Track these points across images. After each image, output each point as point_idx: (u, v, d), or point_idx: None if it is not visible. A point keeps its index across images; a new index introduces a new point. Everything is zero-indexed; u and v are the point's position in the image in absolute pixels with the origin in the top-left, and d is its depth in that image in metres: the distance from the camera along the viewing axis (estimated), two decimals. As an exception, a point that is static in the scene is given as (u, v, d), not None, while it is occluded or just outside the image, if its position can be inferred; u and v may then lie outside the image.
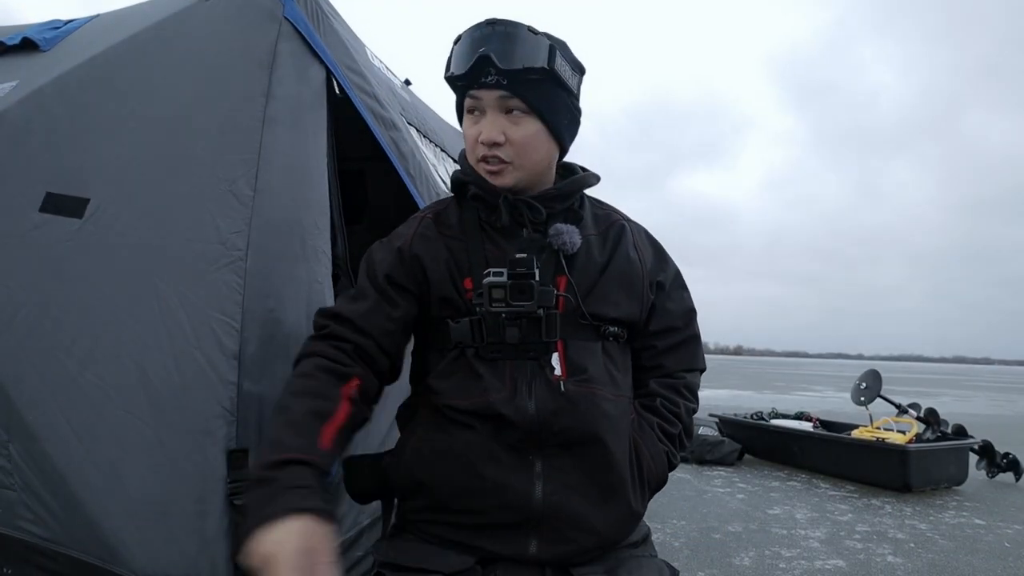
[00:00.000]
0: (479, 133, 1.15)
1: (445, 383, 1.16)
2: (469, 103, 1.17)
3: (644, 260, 1.28)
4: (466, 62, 1.12)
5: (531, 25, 1.14)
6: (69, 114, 1.92)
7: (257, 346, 1.67)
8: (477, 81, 1.13)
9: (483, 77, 1.12)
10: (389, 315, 1.18)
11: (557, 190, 1.22)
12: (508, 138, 1.14)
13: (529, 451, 1.12)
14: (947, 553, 3.37)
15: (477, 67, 1.11)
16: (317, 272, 1.87)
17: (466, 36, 1.15)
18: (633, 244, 1.28)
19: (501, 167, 1.16)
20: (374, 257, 1.24)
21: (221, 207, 1.74)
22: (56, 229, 1.76)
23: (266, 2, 2.01)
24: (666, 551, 3.25)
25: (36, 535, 1.59)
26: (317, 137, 2.03)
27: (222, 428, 1.58)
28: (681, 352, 1.35)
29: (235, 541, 1.52)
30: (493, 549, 1.12)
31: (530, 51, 1.12)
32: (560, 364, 1.15)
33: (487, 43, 1.11)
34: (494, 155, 1.15)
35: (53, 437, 1.58)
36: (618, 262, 1.23)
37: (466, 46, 1.14)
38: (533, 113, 1.15)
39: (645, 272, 1.27)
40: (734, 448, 5.71)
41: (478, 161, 1.18)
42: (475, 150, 1.18)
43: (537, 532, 1.11)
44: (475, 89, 1.14)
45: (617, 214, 1.33)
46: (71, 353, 1.64)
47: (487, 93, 1.14)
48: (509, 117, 1.14)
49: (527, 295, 1.09)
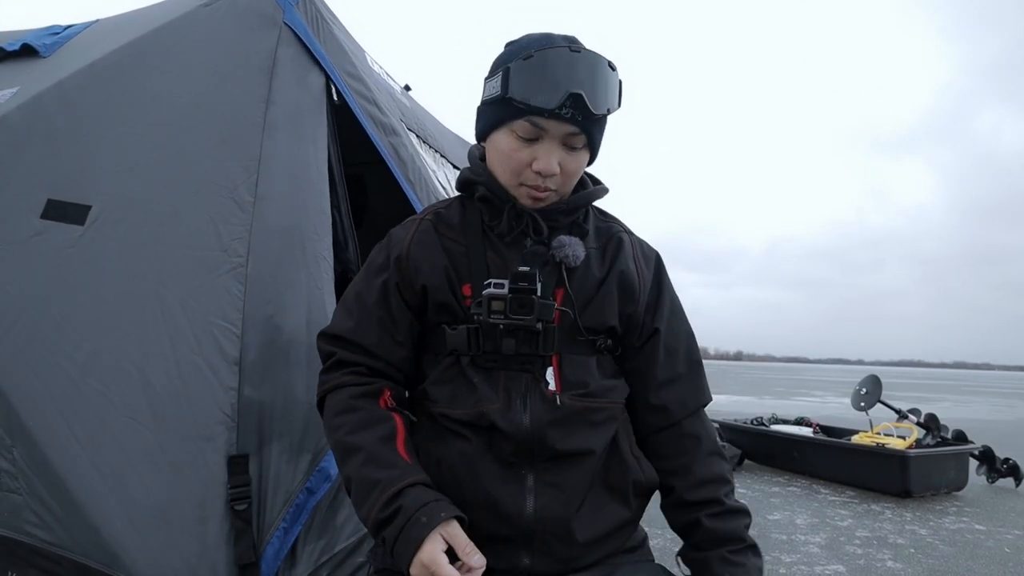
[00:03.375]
0: (532, 159, 1.09)
1: (439, 391, 1.14)
2: (527, 128, 1.08)
3: (642, 275, 1.23)
4: (552, 95, 1.03)
5: (610, 59, 1.08)
6: (69, 120, 1.93)
7: (258, 352, 1.67)
8: (551, 112, 1.05)
9: (559, 109, 1.04)
10: (393, 336, 1.16)
11: (566, 204, 1.18)
12: (562, 169, 1.10)
13: (521, 465, 1.11)
14: (947, 559, 3.36)
15: (563, 103, 1.03)
16: (318, 278, 1.87)
17: (546, 61, 1.05)
18: (632, 257, 1.24)
19: (547, 194, 1.13)
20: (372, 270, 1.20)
21: (222, 213, 1.75)
22: (58, 236, 1.76)
23: (266, 8, 2.01)
24: (666, 556, 3.25)
25: (40, 539, 1.59)
26: (317, 142, 2.03)
27: (223, 434, 1.58)
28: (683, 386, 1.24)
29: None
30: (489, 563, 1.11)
31: (612, 93, 1.08)
32: (555, 378, 1.14)
33: (577, 77, 1.04)
34: (546, 186, 1.11)
35: (55, 442, 1.59)
36: (615, 275, 1.20)
37: (550, 72, 1.04)
38: (588, 147, 1.12)
39: (642, 287, 1.22)
40: (734, 453, 5.71)
41: (521, 185, 1.12)
42: (522, 174, 1.11)
43: (529, 546, 1.10)
44: (544, 119, 1.06)
45: (618, 226, 1.29)
46: (73, 359, 1.64)
47: (557, 126, 1.06)
48: (566, 149, 1.10)
49: (527, 309, 1.07)
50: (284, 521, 1.62)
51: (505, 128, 1.10)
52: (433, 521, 0.97)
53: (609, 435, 1.16)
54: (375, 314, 1.16)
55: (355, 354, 1.16)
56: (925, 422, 5.16)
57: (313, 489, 1.68)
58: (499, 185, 1.14)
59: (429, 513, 0.98)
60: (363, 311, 1.17)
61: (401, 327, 1.16)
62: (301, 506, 1.66)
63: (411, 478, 1.03)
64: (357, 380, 1.14)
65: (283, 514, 1.63)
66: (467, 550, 0.98)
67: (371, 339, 1.16)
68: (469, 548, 0.98)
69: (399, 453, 1.07)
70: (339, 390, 1.15)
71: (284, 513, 1.63)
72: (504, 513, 1.09)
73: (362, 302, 1.18)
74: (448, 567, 0.94)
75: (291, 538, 1.63)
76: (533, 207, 1.14)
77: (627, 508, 1.18)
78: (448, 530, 0.98)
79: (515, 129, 1.09)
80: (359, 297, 1.19)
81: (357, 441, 1.08)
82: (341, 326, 1.18)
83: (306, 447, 1.70)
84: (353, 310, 1.19)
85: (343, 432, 1.10)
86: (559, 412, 1.10)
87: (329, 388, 1.16)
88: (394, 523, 0.99)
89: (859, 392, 5.65)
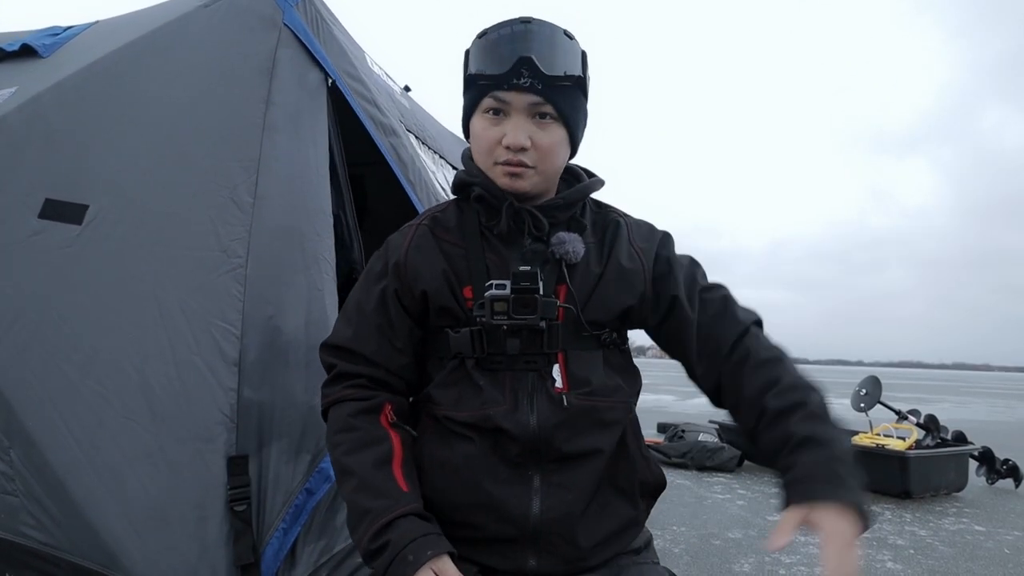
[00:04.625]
0: (502, 135, 1.09)
1: (444, 394, 1.14)
2: (491, 103, 1.09)
3: (641, 257, 1.20)
4: (503, 62, 1.05)
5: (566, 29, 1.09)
6: (68, 120, 1.93)
7: (257, 353, 1.67)
8: (508, 82, 1.06)
9: (516, 79, 1.05)
10: (392, 343, 1.16)
11: (562, 199, 1.17)
12: (534, 143, 1.09)
13: (528, 466, 1.10)
14: (947, 560, 3.36)
15: (515, 68, 1.04)
16: (317, 279, 1.87)
17: (499, 33, 1.07)
18: (628, 240, 1.21)
19: (523, 171, 1.10)
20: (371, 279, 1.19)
21: (221, 214, 1.75)
22: (56, 235, 1.76)
23: (266, 9, 2.01)
24: (666, 557, 3.24)
25: (38, 540, 1.59)
26: (317, 143, 2.03)
27: (222, 435, 1.58)
28: (718, 328, 1.17)
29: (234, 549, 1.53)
30: (491, 563, 1.12)
31: (570, 57, 1.08)
32: (561, 375, 1.13)
33: (527, 43, 1.05)
34: (519, 160, 1.09)
35: (53, 443, 1.58)
36: (614, 265, 1.18)
37: (501, 44, 1.06)
38: (560, 120, 1.10)
39: (644, 266, 1.19)
40: (734, 454, 5.70)
41: (495, 164, 1.11)
42: (494, 152, 1.11)
43: (535, 547, 1.10)
44: (504, 91, 1.07)
45: (614, 212, 1.27)
46: (71, 359, 1.64)
47: (518, 96, 1.07)
48: (535, 121, 1.09)
49: (530, 308, 1.06)
50: (283, 522, 1.62)
51: (477, 113, 1.12)
52: (420, 560, 0.98)
53: (617, 435, 1.16)
54: (374, 321, 1.15)
55: (356, 364, 1.15)
56: (925, 423, 5.16)
57: (312, 490, 1.68)
58: (493, 184, 1.13)
59: (416, 551, 0.99)
60: (362, 319, 1.17)
61: (400, 333, 1.16)
62: (300, 507, 1.65)
63: (401, 508, 1.03)
64: (357, 394, 1.14)
65: (282, 515, 1.62)
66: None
67: (371, 347, 1.15)
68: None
69: (394, 478, 1.07)
70: (340, 405, 1.15)
71: (283, 514, 1.63)
72: (510, 515, 1.09)
73: (361, 310, 1.17)
74: None
75: (291, 539, 1.63)
76: (510, 187, 1.11)
77: (633, 508, 1.17)
78: (437, 565, 0.99)
79: (484, 109, 1.10)
80: (358, 306, 1.18)
81: (352, 464, 1.08)
82: (341, 336, 1.18)
83: (305, 448, 1.70)
84: (352, 319, 1.18)
85: (340, 452, 1.11)
86: (566, 413, 1.10)
87: (332, 402, 1.16)
88: (382, 557, 1.00)
89: (859, 393, 5.64)
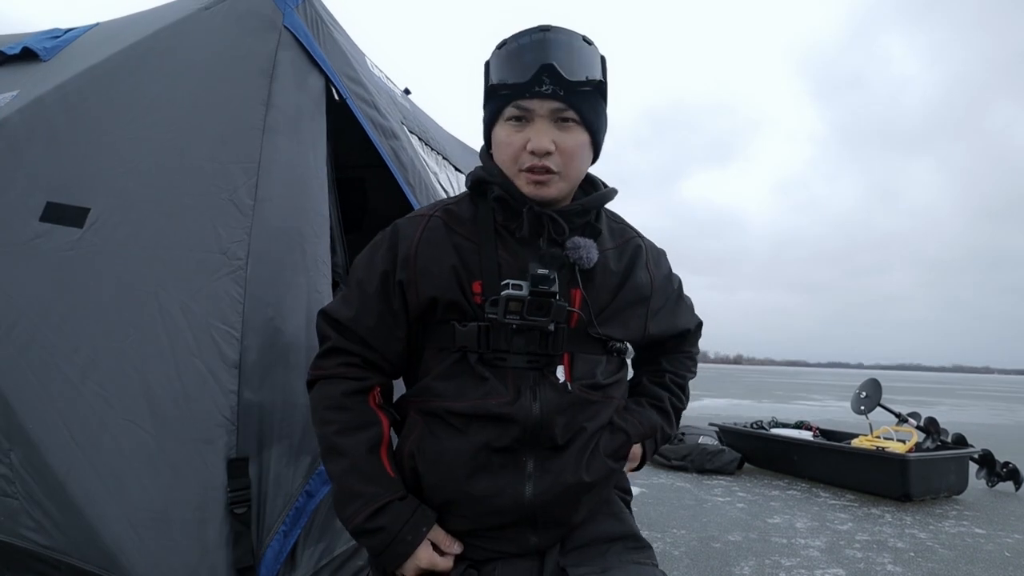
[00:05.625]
0: (526, 141, 1.10)
1: (445, 385, 1.15)
2: (514, 111, 1.11)
3: (654, 283, 1.28)
4: (525, 70, 1.07)
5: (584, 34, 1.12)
6: (69, 123, 1.93)
7: (257, 355, 1.67)
8: (530, 90, 1.08)
9: (538, 86, 1.07)
10: (392, 332, 1.17)
11: (581, 205, 1.18)
12: (558, 147, 1.11)
13: (523, 452, 1.13)
14: (947, 562, 3.36)
15: (537, 76, 1.06)
16: (317, 281, 1.87)
17: (519, 42, 1.10)
18: (646, 265, 1.27)
19: (548, 177, 1.12)
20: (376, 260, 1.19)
21: (222, 216, 1.75)
22: (57, 238, 1.76)
23: (266, 11, 2.02)
24: (666, 560, 3.24)
25: (37, 543, 1.59)
26: (317, 146, 2.03)
27: (222, 436, 1.58)
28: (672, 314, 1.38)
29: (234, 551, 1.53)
30: (496, 549, 1.15)
31: (589, 62, 1.10)
32: (565, 374, 1.16)
33: (548, 51, 1.07)
34: (543, 165, 1.10)
35: (53, 445, 1.58)
36: (632, 282, 1.23)
37: (523, 53, 1.09)
38: (582, 124, 1.12)
39: (653, 294, 1.27)
40: (734, 457, 5.69)
41: (521, 171, 1.13)
42: (519, 159, 1.12)
43: (533, 526, 1.15)
44: (526, 99, 1.09)
45: (632, 231, 1.32)
46: (72, 362, 1.64)
47: (541, 103, 1.09)
48: (558, 125, 1.11)
49: (544, 312, 1.09)
50: (284, 524, 1.62)
51: (500, 121, 1.14)
52: (418, 538, 1.10)
53: (607, 418, 1.22)
54: (375, 305, 1.17)
55: (352, 343, 1.17)
56: (925, 426, 5.16)
57: (313, 492, 1.68)
58: (515, 187, 1.14)
59: (412, 531, 1.10)
60: (364, 300, 1.18)
61: (400, 322, 1.18)
62: (301, 509, 1.66)
63: (390, 495, 1.12)
64: (350, 373, 1.17)
65: (283, 517, 1.62)
66: (448, 544, 1.14)
67: (369, 330, 1.17)
68: (449, 541, 1.14)
69: (383, 465, 1.14)
70: (331, 381, 1.17)
71: (284, 516, 1.63)
72: (504, 504, 1.12)
73: (363, 291, 1.18)
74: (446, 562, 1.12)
75: (291, 541, 1.63)
76: (536, 194, 1.13)
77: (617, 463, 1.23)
78: (432, 536, 1.12)
79: (506, 117, 1.12)
80: (360, 285, 1.19)
81: (344, 445, 1.13)
82: (341, 312, 1.19)
83: (306, 450, 1.70)
84: (354, 297, 1.19)
85: (331, 430, 1.14)
86: (568, 399, 1.14)
87: (321, 376, 1.18)
88: (378, 538, 1.10)
89: (859, 396, 5.64)
